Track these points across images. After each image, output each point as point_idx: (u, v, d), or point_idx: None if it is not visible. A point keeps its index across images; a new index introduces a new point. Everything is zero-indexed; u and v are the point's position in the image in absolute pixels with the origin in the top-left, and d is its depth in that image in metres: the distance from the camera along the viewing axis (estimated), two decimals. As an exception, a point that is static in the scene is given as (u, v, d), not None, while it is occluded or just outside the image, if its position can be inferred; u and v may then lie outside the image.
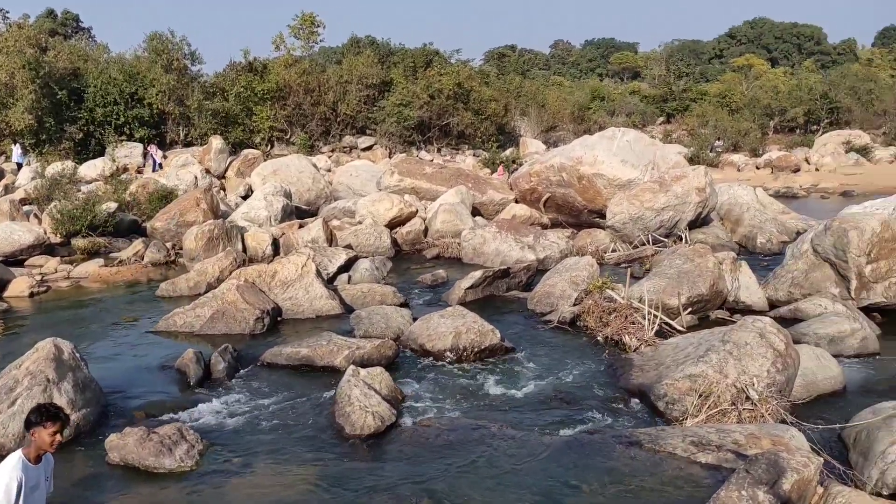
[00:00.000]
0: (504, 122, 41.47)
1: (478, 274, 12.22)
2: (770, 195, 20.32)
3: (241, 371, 8.98)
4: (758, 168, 35.82)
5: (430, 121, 37.13)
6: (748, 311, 11.01)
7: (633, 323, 9.73)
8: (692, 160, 29.57)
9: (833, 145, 38.66)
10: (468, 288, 12.07)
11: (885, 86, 55.34)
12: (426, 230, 17.89)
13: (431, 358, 9.26)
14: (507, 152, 35.07)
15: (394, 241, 17.06)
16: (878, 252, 10.80)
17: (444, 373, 8.84)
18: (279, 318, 11.32)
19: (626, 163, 18.15)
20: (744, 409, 7.02)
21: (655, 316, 9.83)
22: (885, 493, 5.85)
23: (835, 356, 8.74)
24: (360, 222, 17.74)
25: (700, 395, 7.17)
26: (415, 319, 10.33)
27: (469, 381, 8.56)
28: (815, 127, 48.95)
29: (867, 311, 10.81)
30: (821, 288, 11.18)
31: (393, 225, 17.74)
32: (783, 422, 6.87)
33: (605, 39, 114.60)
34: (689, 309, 10.65)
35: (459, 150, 38.01)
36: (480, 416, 7.52)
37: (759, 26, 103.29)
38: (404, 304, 11.86)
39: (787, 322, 9.94)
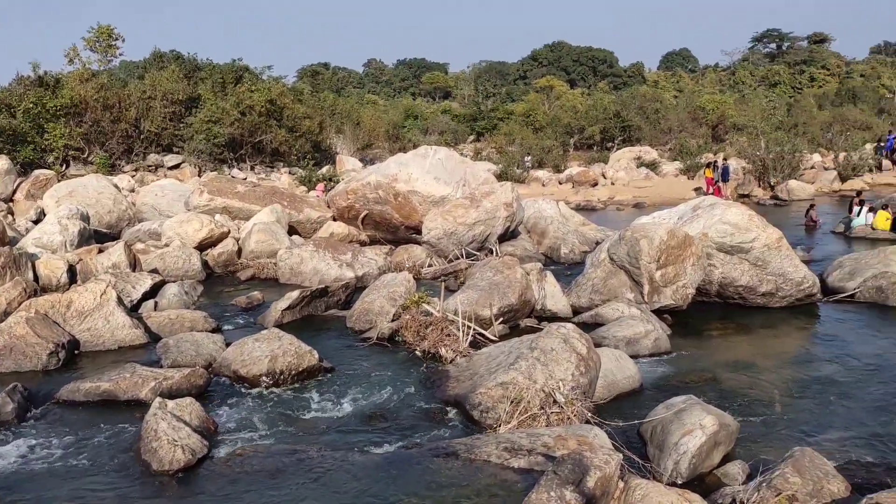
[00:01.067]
0: (319, 140, 41.09)
1: (295, 294, 11.98)
2: (572, 208, 21.61)
3: (34, 411, 8.22)
4: (560, 183, 37.85)
5: (242, 138, 36.01)
6: (554, 318, 11.63)
7: (449, 335, 9.95)
8: (501, 176, 30.79)
9: (626, 161, 41.61)
10: (285, 309, 11.81)
11: (669, 106, 60.90)
12: (240, 251, 17.30)
13: (247, 384, 8.94)
14: (324, 170, 34.77)
15: (205, 264, 16.34)
16: (665, 259, 11.78)
17: (260, 399, 8.58)
18: (77, 352, 10.48)
19: (439, 180, 18.60)
20: (552, 412, 7.38)
21: (469, 327, 10.12)
22: (679, 482, 6.37)
23: (632, 357, 9.42)
24: (166, 245, 16.84)
25: (512, 402, 7.44)
26: (228, 345, 9.94)
27: (287, 406, 8.36)
28: (610, 144, 52.55)
29: (659, 313, 11.77)
30: (618, 293, 12.02)
31: (203, 246, 16.99)
32: (587, 422, 7.29)
33: (416, 59, 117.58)
34: (501, 318, 11.06)
35: (274, 168, 37.20)
36: (299, 440, 7.38)
37: (558, 49, 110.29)
38: (216, 330, 11.40)
39: (588, 327, 10.60)
